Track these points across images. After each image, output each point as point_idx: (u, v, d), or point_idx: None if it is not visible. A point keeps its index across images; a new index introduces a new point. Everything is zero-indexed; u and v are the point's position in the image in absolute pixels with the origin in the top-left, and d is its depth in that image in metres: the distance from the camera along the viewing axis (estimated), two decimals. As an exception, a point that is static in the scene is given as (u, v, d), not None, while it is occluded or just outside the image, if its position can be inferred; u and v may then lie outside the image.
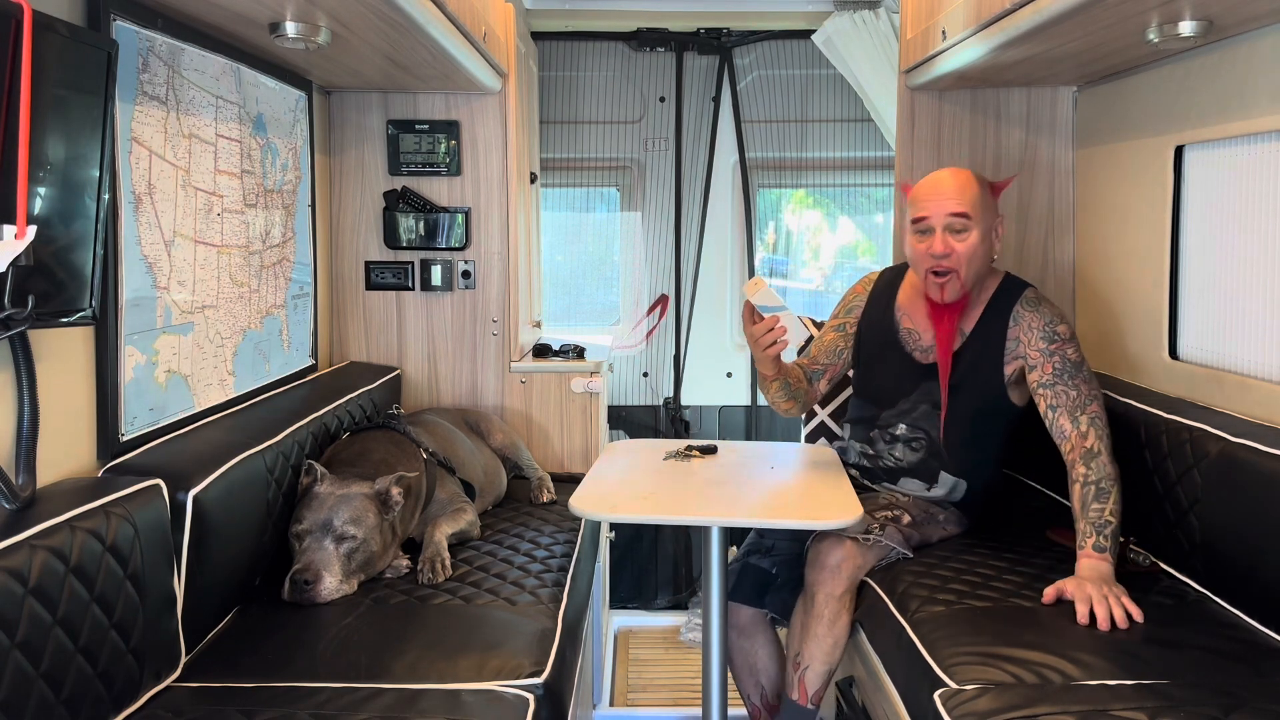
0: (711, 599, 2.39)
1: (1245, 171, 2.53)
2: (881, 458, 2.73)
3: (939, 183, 2.55)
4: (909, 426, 2.68)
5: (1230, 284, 2.60)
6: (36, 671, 1.58)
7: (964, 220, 2.48)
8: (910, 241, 2.56)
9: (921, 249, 2.53)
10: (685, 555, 4.75)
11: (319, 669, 2.03)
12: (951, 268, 2.50)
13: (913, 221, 2.54)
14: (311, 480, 2.49)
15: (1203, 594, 2.31)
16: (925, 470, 2.68)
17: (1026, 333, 2.55)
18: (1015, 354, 2.57)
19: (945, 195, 2.50)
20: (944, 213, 2.49)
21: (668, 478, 2.53)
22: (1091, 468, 2.35)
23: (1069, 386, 2.46)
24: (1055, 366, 2.49)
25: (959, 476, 2.66)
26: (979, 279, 2.57)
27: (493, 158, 3.59)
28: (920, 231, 2.53)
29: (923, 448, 2.67)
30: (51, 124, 1.69)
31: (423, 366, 3.66)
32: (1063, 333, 2.53)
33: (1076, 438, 2.40)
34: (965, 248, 2.49)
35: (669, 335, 4.78)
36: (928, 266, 2.53)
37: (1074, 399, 2.45)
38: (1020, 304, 2.58)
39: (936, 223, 2.49)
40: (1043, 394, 2.49)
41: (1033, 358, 2.53)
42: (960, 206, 2.48)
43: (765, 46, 4.65)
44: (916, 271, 2.59)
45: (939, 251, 2.49)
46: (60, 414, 1.95)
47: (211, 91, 2.52)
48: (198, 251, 2.46)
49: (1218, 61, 2.60)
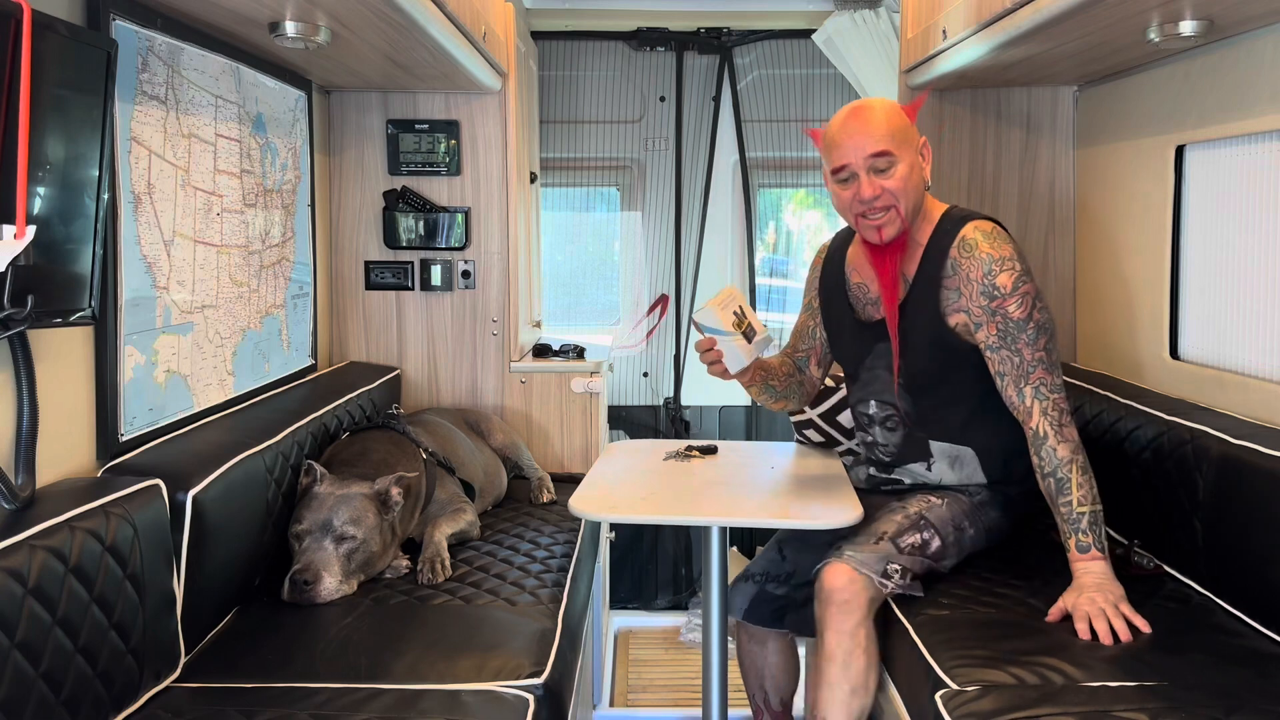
0: (711, 599, 2.39)
1: (1246, 171, 2.53)
2: (876, 448, 2.52)
3: (849, 127, 2.27)
4: (877, 402, 2.46)
5: (1231, 284, 2.60)
6: (36, 672, 1.58)
7: (887, 159, 2.23)
8: (835, 192, 2.32)
9: (848, 196, 2.28)
10: (685, 555, 4.75)
11: (319, 669, 2.03)
12: (887, 205, 2.25)
13: (833, 172, 2.30)
14: (311, 480, 2.49)
15: (1206, 597, 2.30)
16: (913, 448, 2.45)
17: (965, 284, 2.27)
18: (957, 306, 2.30)
19: (860, 137, 2.24)
20: (862, 156, 2.23)
21: (668, 478, 2.52)
22: (1043, 456, 2.19)
23: (1011, 351, 2.23)
24: (999, 328, 2.24)
25: (953, 442, 2.42)
26: (918, 210, 2.32)
27: (492, 157, 3.59)
28: (843, 181, 2.28)
29: (898, 424, 2.44)
30: (51, 124, 1.69)
31: (422, 366, 3.65)
32: (1003, 285, 2.23)
33: (1024, 413, 2.23)
34: (895, 183, 2.24)
35: (669, 335, 4.78)
36: (857, 212, 2.28)
37: (1016, 366, 2.23)
38: (956, 247, 2.28)
39: (858, 168, 2.24)
40: (991, 358, 2.27)
41: (975, 314, 2.27)
42: (878, 145, 2.22)
43: (765, 46, 4.65)
44: (848, 219, 2.35)
45: (867, 195, 2.24)
46: (59, 414, 1.95)
47: (211, 91, 2.51)
48: (197, 251, 2.46)
49: (1218, 61, 2.60)
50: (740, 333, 2.28)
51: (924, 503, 2.39)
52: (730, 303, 2.29)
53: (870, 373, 2.45)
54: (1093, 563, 2.13)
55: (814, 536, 2.48)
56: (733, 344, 2.28)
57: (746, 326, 2.29)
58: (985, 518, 2.44)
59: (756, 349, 2.32)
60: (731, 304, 2.29)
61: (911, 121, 2.32)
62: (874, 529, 2.32)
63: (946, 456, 2.44)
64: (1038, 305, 2.26)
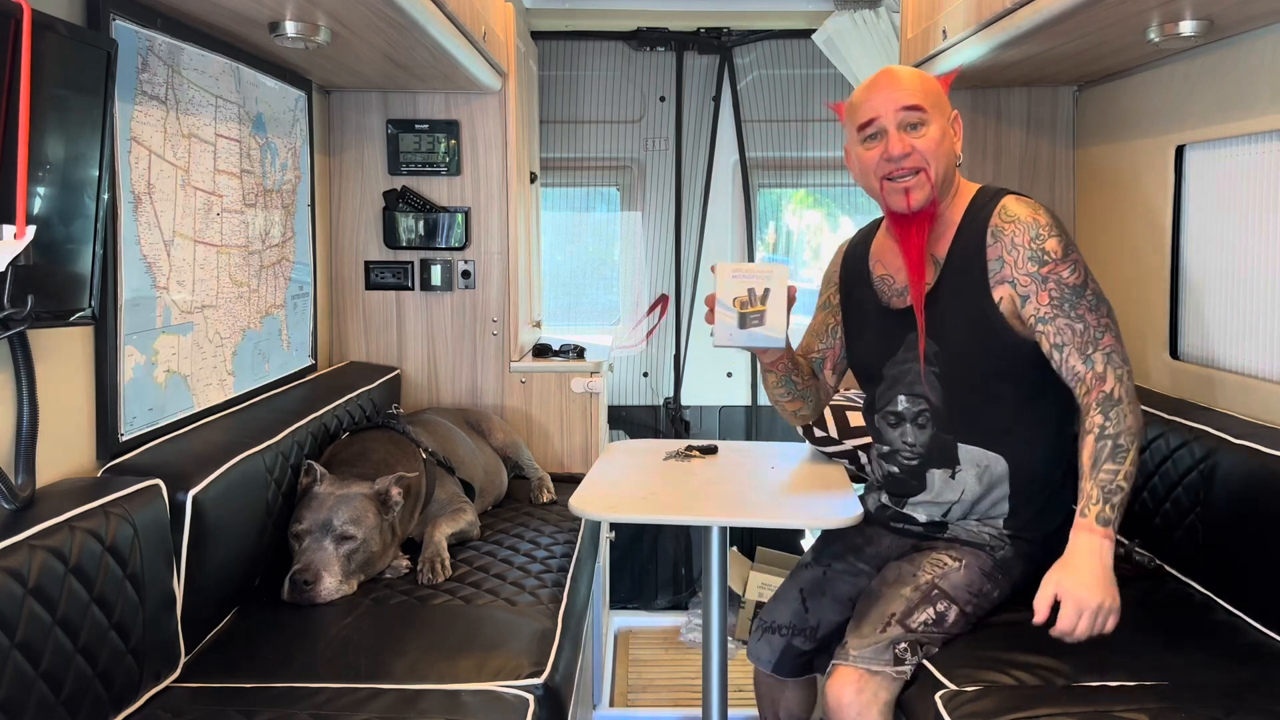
0: (711, 599, 2.39)
1: (1246, 171, 2.53)
2: (899, 454, 2.23)
3: (880, 82, 2.10)
4: (908, 396, 2.19)
5: (1231, 284, 2.60)
6: (36, 672, 1.58)
7: (919, 113, 2.04)
8: (859, 154, 2.11)
9: (874, 156, 2.07)
10: (685, 555, 4.74)
11: (319, 669, 2.03)
12: (916, 166, 2.04)
13: (859, 129, 2.09)
14: (311, 480, 2.49)
15: (1206, 596, 2.30)
16: (941, 451, 2.17)
17: (1010, 251, 2.06)
18: (1001, 277, 2.07)
19: (893, 89, 2.06)
20: (894, 108, 2.04)
21: (668, 478, 2.52)
22: (1110, 418, 1.93)
23: (1072, 319, 2.00)
24: (1052, 295, 2.01)
25: (983, 447, 2.14)
26: (947, 183, 2.11)
27: (492, 157, 3.59)
28: (870, 138, 2.08)
29: (929, 420, 2.17)
30: (51, 124, 1.69)
31: (422, 366, 3.65)
32: (1053, 250, 2.03)
33: (1093, 379, 1.97)
34: (927, 142, 2.04)
35: (669, 335, 4.78)
36: (883, 174, 2.07)
37: (1081, 333, 2.00)
38: (997, 215, 2.09)
39: (888, 122, 2.05)
40: (1044, 331, 2.03)
41: (1023, 284, 2.04)
42: (912, 98, 2.04)
43: (765, 46, 4.65)
44: (871, 186, 2.12)
45: (896, 152, 2.04)
46: (59, 414, 1.95)
47: (211, 91, 2.51)
48: (197, 251, 2.46)
49: (1218, 61, 2.60)
50: (739, 312, 2.10)
51: (937, 567, 2.13)
52: (751, 279, 2.10)
53: (900, 367, 2.21)
54: (1104, 539, 1.89)
55: (835, 585, 2.33)
56: (723, 315, 2.12)
57: (753, 312, 2.10)
58: (1010, 574, 2.17)
59: (742, 338, 2.11)
60: (751, 281, 2.09)
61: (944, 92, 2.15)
62: (881, 611, 2.10)
63: (975, 465, 2.16)
64: (1091, 276, 2.06)
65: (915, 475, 2.22)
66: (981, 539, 2.19)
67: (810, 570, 2.38)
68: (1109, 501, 1.90)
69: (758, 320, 2.10)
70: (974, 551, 2.17)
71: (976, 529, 2.20)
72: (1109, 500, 1.90)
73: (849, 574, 2.33)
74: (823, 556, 2.38)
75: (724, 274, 2.10)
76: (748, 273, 2.09)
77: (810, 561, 2.40)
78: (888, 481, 2.30)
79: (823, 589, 2.35)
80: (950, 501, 2.19)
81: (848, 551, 2.36)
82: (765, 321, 2.09)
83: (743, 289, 2.09)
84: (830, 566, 2.36)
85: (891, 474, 2.28)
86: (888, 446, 2.26)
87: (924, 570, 2.14)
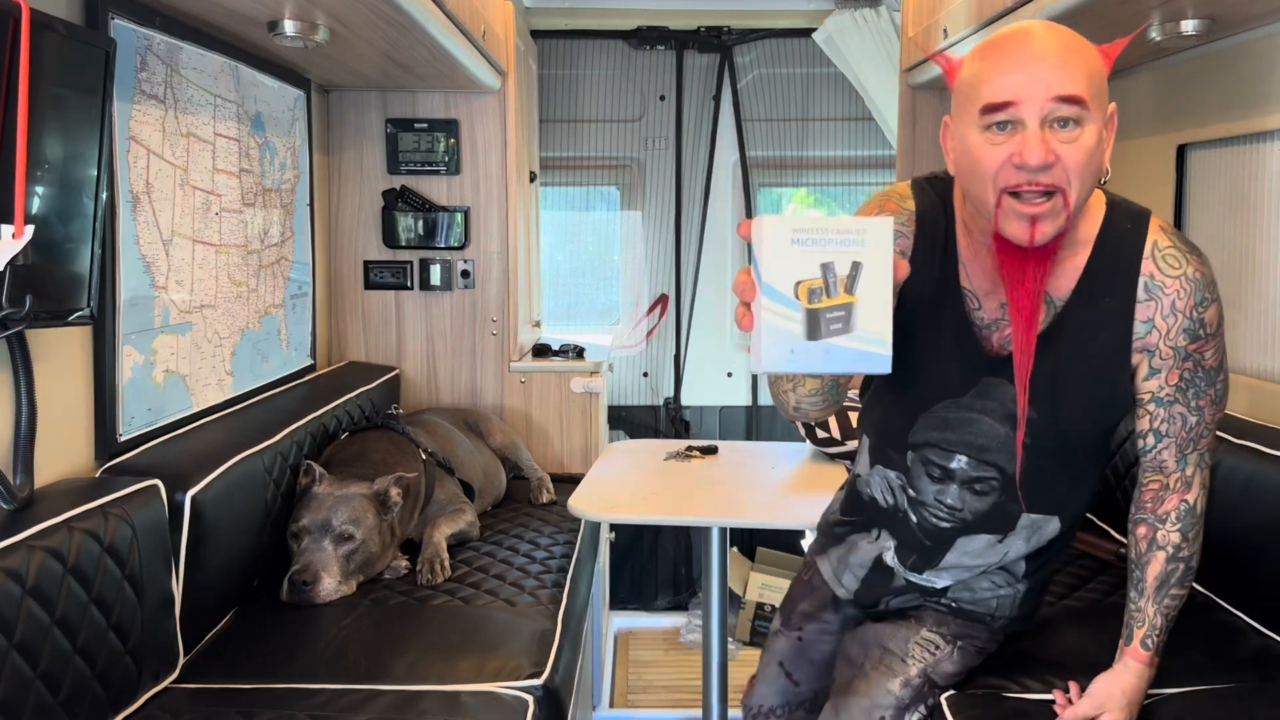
0: (711, 600, 2.39)
1: (1248, 171, 2.52)
2: (928, 508, 1.72)
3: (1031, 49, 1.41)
4: (972, 460, 1.66)
5: (1233, 284, 2.59)
6: (34, 673, 1.57)
7: (1078, 109, 1.40)
8: (973, 145, 1.44)
9: (998, 157, 1.42)
10: (685, 556, 4.74)
11: (318, 670, 2.03)
12: (1055, 185, 1.41)
13: (984, 111, 1.42)
14: (310, 480, 2.48)
15: (1208, 597, 2.30)
16: (998, 519, 1.70)
17: (1167, 317, 1.56)
18: (1145, 344, 1.58)
19: (1047, 66, 1.39)
20: (1047, 96, 1.39)
21: (668, 478, 2.52)
22: (1189, 538, 1.65)
23: (1190, 410, 1.61)
24: (1183, 376, 1.59)
25: (1045, 513, 1.71)
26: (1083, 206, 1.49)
27: (492, 157, 3.58)
28: (995, 126, 1.42)
29: (994, 489, 1.68)
30: (49, 123, 1.68)
31: (422, 366, 3.65)
32: (1211, 323, 1.58)
33: (1178, 481, 1.65)
34: (1077, 152, 1.41)
35: (669, 335, 4.77)
36: (1009, 185, 1.43)
37: (1191, 428, 1.62)
38: (1155, 260, 1.56)
39: (1030, 113, 1.39)
40: (1152, 413, 1.62)
41: (1163, 356, 1.58)
42: (1073, 86, 1.39)
43: (766, 45, 4.64)
44: (982, 194, 1.46)
45: (1036, 162, 1.39)
46: (58, 414, 1.94)
47: (210, 90, 2.51)
48: (196, 251, 2.45)
49: (1220, 60, 2.59)
50: (805, 308, 1.15)
51: (928, 652, 1.81)
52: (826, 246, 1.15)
53: (966, 414, 1.65)
54: (1149, 670, 1.67)
55: (814, 649, 2.01)
56: (773, 318, 1.15)
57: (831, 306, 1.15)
58: (1009, 627, 1.88)
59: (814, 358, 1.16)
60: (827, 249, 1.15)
61: None
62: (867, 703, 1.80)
63: (1029, 529, 1.73)
64: (1226, 353, 1.64)
65: (943, 538, 1.73)
66: (988, 606, 1.81)
67: (783, 639, 2.05)
68: (1167, 630, 1.68)
69: (841, 323, 1.16)
70: (969, 626, 1.82)
71: (990, 590, 1.80)
72: (1166, 631, 1.68)
73: (826, 633, 2.01)
74: (791, 623, 2.03)
75: (772, 236, 1.15)
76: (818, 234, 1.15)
77: (780, 629, 2.06)
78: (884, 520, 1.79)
79: (803, 654, 2.03)
80: (986, 564, 1.76)
81: (817, 610, 2.01)
82: (855, 324, 1.16)
83: (812, 265, 1.15)
84: (803, 630, 2.02)
85: (902, 514, 1.76)
86: (912, 492, 1.73)
87: (913, 656, 1.81)
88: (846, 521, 1.88)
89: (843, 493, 1.93)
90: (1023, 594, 1.81)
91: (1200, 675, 1.93)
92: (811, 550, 2.03)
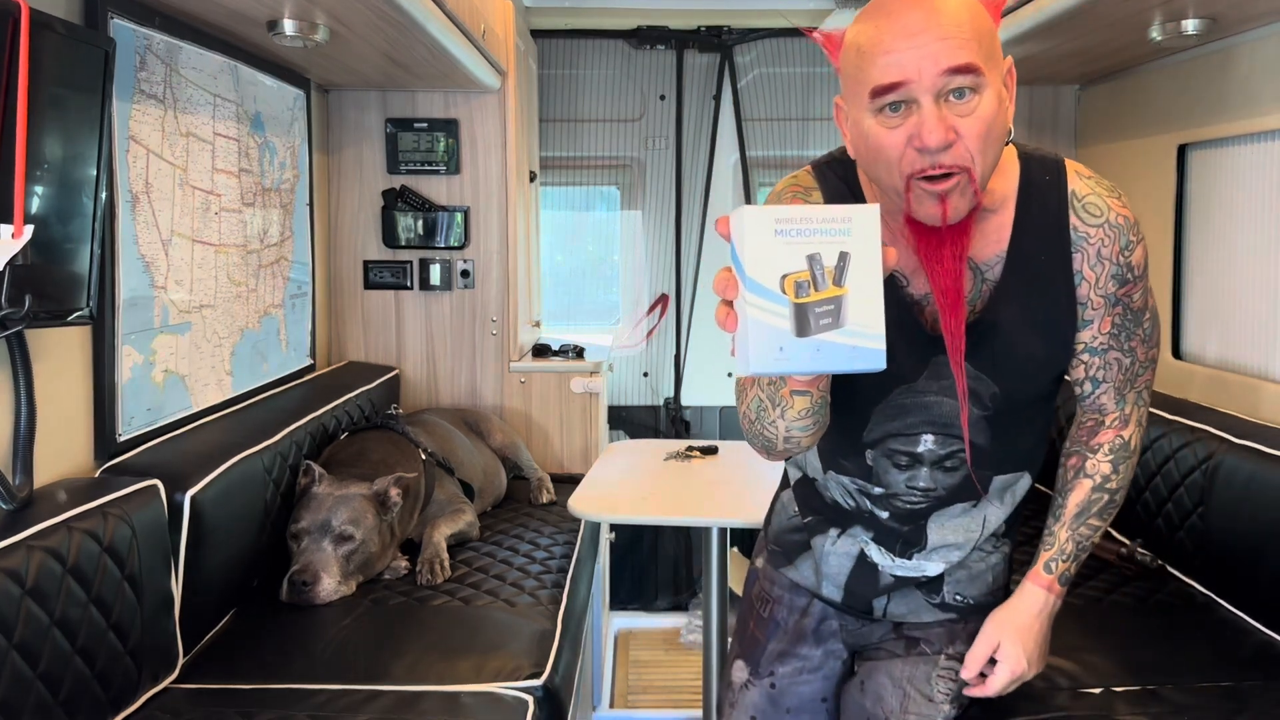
0: (712, 601, 2.38)
1: (1249, 171, 2.52)
2: (897, 499, 1.61)
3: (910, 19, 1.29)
4: (936, 437, 1.56)
5: (1234, 284, 2.59)
6: (34, 673, 1.57)
7: (973, 77, 1.28)
8: (872, 131, 1.33)
9: (898, 142, 1.31)
10: (685, 556, 4.74)
11: (317, 670, 2.02)
12: (959, 165, 1.30)
13: (874, 95, 1.30)
14: (309, 481, 2.48)
15: (1209, 596, 2.30)
16: (970, 488, 1.60)
17: (1094, 266, 1.50)
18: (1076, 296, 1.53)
19: (933, 37, 1.27)
20: (937, 70, 1.27)
21: (668, 478, 2.52)
22: (1119, 471, 1.60)
23: (1124, 353, 1.55)
24: (1115, 322, 1.53)
25: (1016, 470, 1.62)
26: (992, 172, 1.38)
27: (492, 156, 3.58)
28: (888, 109, 1.31)
29: (964, 463, 1.58)
30: (49, 123, 1.68)
31: (421, 366, 3.65)
32: (1138, 264, 1.51)
33: (1116, 419, 1.61)
34: (977, 123, 1.30)
35: (669, 335, 4.77)
36: (913, 170, 1.32)
37: (1126, 369, 1.57)
38: (1076, 211, 1.49)
39: (922, 90, 1.28)
40: (1088, 362, 1.56)
41: (1094, 307, 1.51)
42: (962, 54, 1.27)
43: (766, 44, 4.64)
44: (889, 181, 1.36)
45: (936, 143, 1.28)
46: (57, 414, 1.94)
47: (209, 90, 2.51)
48: (195, 251, 2.45)
49: (1221, 60, 2.59)
50: (793, 303, 1.08)
51: (952, 682, 1.66)
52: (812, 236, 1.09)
53: (923, 398, 1.55)
54: (1050, 596, 1.60)
55: (787, 694, 1.77)
56: (758, 314, 1.09)
57: (819, 300, 1.09)
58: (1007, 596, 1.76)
59: (803, 356, 1.09)
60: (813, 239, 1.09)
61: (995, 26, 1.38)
62: None
63: (1002, 490, 1.64)
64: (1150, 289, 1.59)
65: (915, 518, 1.63)
66: (985, 582, 1.68)
67: (754, 690, 1.78)
68: (1077, 559, 1.61)
69: (831, 317, 1.09)
70: (979, 622, 1.65)
71: (981, 560, 1.67)
72: (1078, 559, 1.61)
73: (804, 672, 1.76)
74: (761, 668, 1.78)
75: (754, 228, 1.09)
76: (802, 224, 1.09)
77: (747, 680, 1.79)
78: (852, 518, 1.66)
79: (777, 705, 1.77)
80: (969, 540, 1.64)
81: (792, 645, 1.77)
82: (845, 318, 1.09)
83: (798, 257, 1.08)
84: (774, 675, 1.77)
85: (870, 514, 1.64)
86: (879, 489, 1.61)
87: (940, 692, 1.65)
88: (805, 525, 1.73)
89: (790, 498, 1.77)
90: (1008, 555, 1.71)
91: (1201, 674, 1.93)
92: (764, 575, 1.81)
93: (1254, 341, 2.51)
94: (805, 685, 1.76)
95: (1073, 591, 2.32)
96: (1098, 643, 2.06)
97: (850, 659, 1.77)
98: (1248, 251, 2.53)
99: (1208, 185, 2.70)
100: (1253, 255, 2.51)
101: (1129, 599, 2.29)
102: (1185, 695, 1.85)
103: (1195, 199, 2.76)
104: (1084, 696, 1.87)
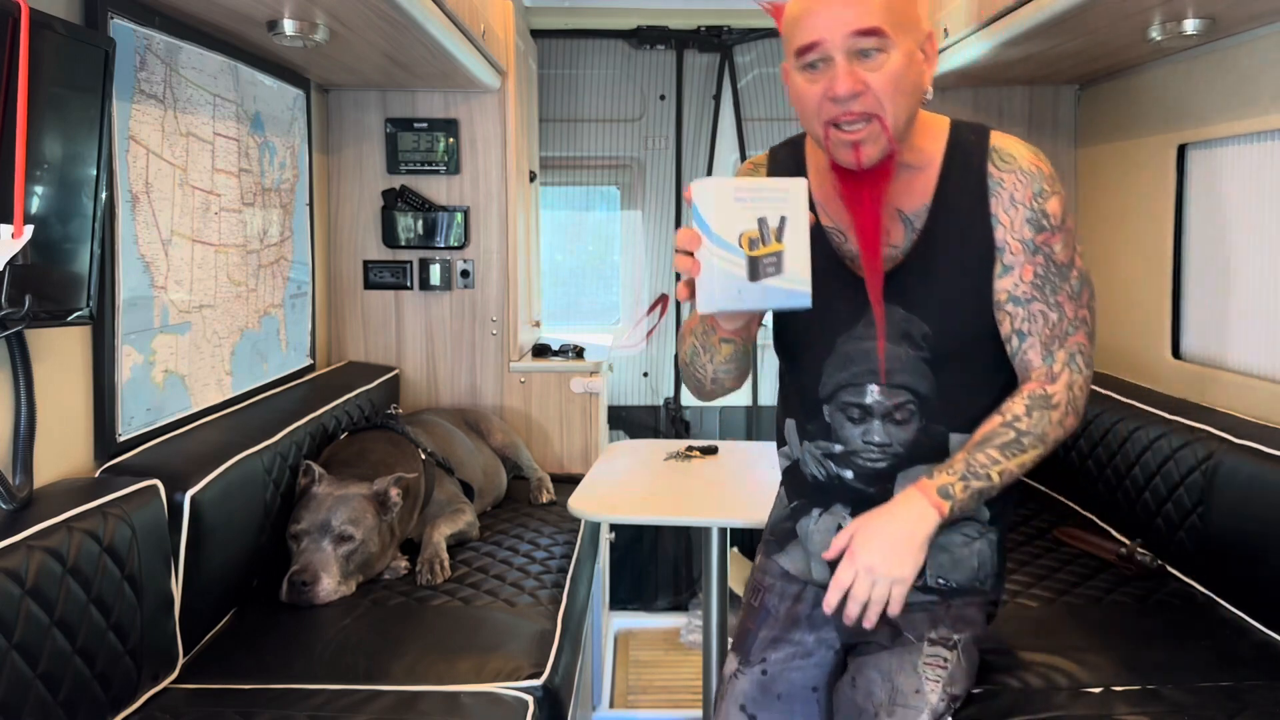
0: (712, 600, 2.38)
1: (1248, 170, 2.52)
2: (857, 455, 1.70)
3: None
4: (885, 387, 1.67)
5: (1234, 283, 2.59)
6: (34, 673, 1.57)
7: (876, 39, 1.52)
8: (797, 85, 1.58)
9: (816, 92, 1.55)
10: (685, 556, 4.74)
11: (317, 670, 2.02)
12: (868, 111, 1.53)
13: (797, 54, 1.56)
14: (309, 481, 2.48)
15: (1209, 596, 2.30)
16: (929, 446, 1.68)
17: (1008, 210, 1.63)
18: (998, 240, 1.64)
19: (843, 4, 1.53)
20: (843, 32, 1.52)
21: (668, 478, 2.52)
22: (1032, 417, 1.59)
23: (1050, 307, 1.62)
24: (1037, 272, 1.62)
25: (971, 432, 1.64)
26: (909, 126, 1.61)
27: (492, 156, 3.58)
28: (809, 67, 1.55)
29: (913, 414, 1.67)
30: (49, 123, 1.68)
31: (421, 366, 3.64)
32: (1054, 213, 1.63)
33: (1043, 374, 1.62)
34: (883, 79, 1.53)
35: (669, 335, 4.77)
36: (829, 117, 1.55)
37: (1054, 324, 1.63)
38: (992, 159, 1.65)
39: (834, 48, 1.52)
40: (1012, 313, 1.64)
41: (1013, 251, 1.63)
42: (867, 19, 1.51)
43: (766, 44, 4.64)
44: (812, 130, 1.60)
45: (844, 92, 1.52)
46: (57, 414, 1.94)
47: (209, 90, 2.51)
48: (195, 251, 2.45)
49: (1221, 60, 2.59)
50: (748, 256, 1.42)
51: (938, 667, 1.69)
52: (761, 202, 1.43)
53: (862, 344, 1.68)
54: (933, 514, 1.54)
55: (779, 681, 1.80)
56: (722, 264, 1.41)
57: (767, 254, 1.43)
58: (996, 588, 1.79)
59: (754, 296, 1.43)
60: (762, 205, 1.43)
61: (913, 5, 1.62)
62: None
63: None
64: (1078, 249, 1.67)
65: (881, 479, 1.69)
66: (970, 566, 1.72)
67: (743, 679, 1.82)
68: (966, 482, 1.56)
69: (774, 267, 1.43)
70: (963, 608, 1.71)
71: (964, 544, 1.71)
72: (967, 481, 1.56)
73: (797, 658, 1.80)
74: (752, 655, 1.82)
75: (718, 195, 1.41)
76: (754, 193, 1.42)
77: (738, 669, 1.83)
78: (830, 492, 1.73)
79: (768, 691, 1.80)
80: None
81: (784, 632, 1.82)
82: (784, 268, 1.43)
83: (750, 219, 1.42)
84: (766, 662, 1.81)
85: (839, 481, 1.72)
86: (839, 446, 1.70)
87: (929, 679, 1.68)
88: (792, 510, 1.81)
89: (783, 491, 1.88)
90: (995, 543, 1.73)
91: (1201, 674, 1.93)
92: (757, 567, 1.88)
93: (1254, 341, 2.51)
94: (797, 672, 1.79)
95: (1073, 591, 2.32)
96: (1098, 643, 2.06)
97: (843, 653, 1.80)
98: (1248, 251, 2.53)
99: (1208, 185, 2.70)
100: (1253, 255, 2.51)
101: (1129, 599, 2.29)
102: (1185, 695, 1.85)
103: (1195, 199, 2.76)
104: (1084, 696, 1.86)
